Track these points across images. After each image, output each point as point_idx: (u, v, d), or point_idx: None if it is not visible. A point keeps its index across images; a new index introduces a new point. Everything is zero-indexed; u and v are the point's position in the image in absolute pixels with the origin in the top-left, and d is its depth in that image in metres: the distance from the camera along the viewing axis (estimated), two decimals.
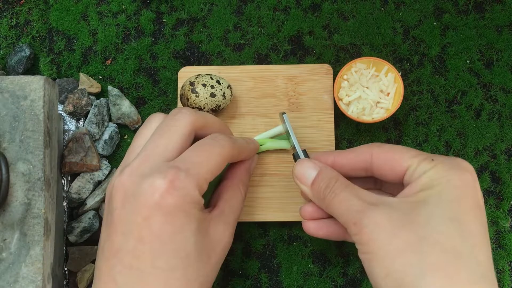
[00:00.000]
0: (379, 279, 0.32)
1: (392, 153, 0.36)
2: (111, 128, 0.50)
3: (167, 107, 0.52)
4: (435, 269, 0.30)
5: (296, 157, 0.42)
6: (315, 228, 0.40)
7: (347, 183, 0.37)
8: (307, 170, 0.38)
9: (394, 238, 0.31)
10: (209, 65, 0.52)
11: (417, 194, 0.33)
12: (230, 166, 0.43)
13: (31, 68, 0.52)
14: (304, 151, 0.42)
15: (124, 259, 0.33)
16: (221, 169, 0.37)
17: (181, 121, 0.36)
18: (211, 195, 0.42)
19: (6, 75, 0.50)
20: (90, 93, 0.51)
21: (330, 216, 0.39)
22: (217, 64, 0.52)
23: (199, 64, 0.52)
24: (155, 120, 0.39)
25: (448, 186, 0.32)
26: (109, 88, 0.51)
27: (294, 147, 0.42)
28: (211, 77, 0.46)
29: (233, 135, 0.43)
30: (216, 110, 0.46)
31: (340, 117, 0.50)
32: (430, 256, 0.30)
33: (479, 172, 0.50)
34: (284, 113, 0.44)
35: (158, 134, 0.36)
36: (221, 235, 0.37)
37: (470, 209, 0.32)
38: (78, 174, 0.49)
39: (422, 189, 0.33)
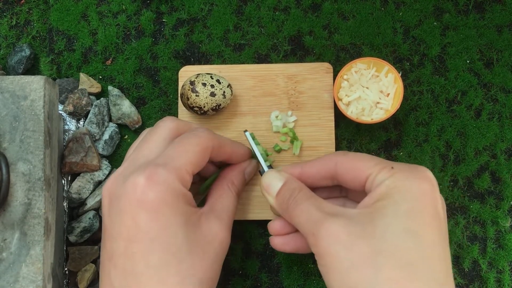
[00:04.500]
0: None
1: (355, 161, 0.36)
2: (111, 128, 0.50)
3: (167, 107, 0.52)
4: (390, 283, 0.30)
5: (262, 173, 0.42)
6: (282, 243, 0.40)
7: (310, 194, 0.37)
8: (273, 181, 0.39)
9: (349, 251, 0.31)
10: (209, 64, 0.52)
11: (375, 204, 0.33)
12: (224, 168, 0.43)
13: (31, 68, 0.52)
14: (270, 167, 0.43)
15: (117, 263, 0.33)
16: (203, 159, 0.37)
17: (162, 127, 0.38)
18: (205, 196, 0.42)
19: (6, 75, 0.50)
20: (90, 93, 0.51)
21: (296, 231, 0.40)
22: (218, 64, 0.52)
23: (199, 64, 0.52)
24: (143, 133, 0.41)
25: (405, 195, 0.32)
26: (109, 88, 0.51)
27: (259, 164, 0.43)
28: (211, 76, 0.46)
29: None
30: (217, 109, 0.46)
31: (340, 117, 0.50)
32: (385, 269, 0.30)
33: (479, 172, 0.50)
34: (246, 131, 0.45)
35: (143, 141, 0.38)
36: (215, 230, 0.37)
37: (428, 219, 0.32)
38: (78, 174, 0.49)
39: (379, 198, 0.33)
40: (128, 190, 0.33)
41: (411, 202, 0.32)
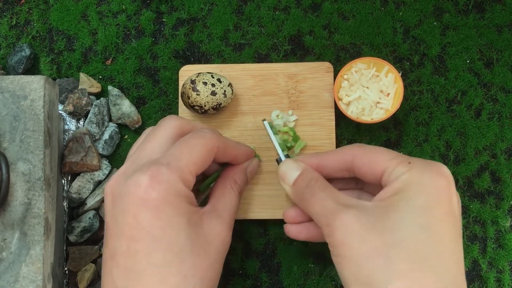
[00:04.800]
0: (349, 284, 0.32)
1: (372, 155, 0.36)
2: (111, 128, 0.50)
3: (167, 107, 0.52)
4: (402, 276, 0.30)
5: (279, 162, 0.42)
6: (296, 231, 0.41)
7: (326, 184, 0.37)
8: (290, 170, 0.39)
9: (363, 242, 0.31)
10: (209, 64, 0.52)
11: (390, 198, 0.33)
12: (226, 167, 0.43)
13: (31, 68, 0.52)
14: (287, 156, 0.43)
15: (119, 261, 0.33)
16: (207, 160, 0.37)
17: (165, 126, 0.38)
18: (207, 195, 0.42)
19: (6, 75, 0.50)
20: (90, 93, 0.51)
21: (310, 220, 0.40)
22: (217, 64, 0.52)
23: (199, 64, 0.52)
24: (146, 131, 0.40)
25: (421, 191, 0.32)
26: (109, 88, 0.51)
27: (277, 153, 0.43)
28: (212, 76, 0.46)
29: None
30: (217, 108, 0.46)
31: (340, 116, 0.50)
32: (398, 262, 0.30)
33: (479, 172, 0.50)
34: (264, 120, 0.45)
35: (145, 140, 0.38)
36: (217, 230, 0.37)
37: (442, 215, 0.32)
38: (78, 174, 0.49)
39: (395, 192, 0.33)
40: (131, 189, 0.33)
41: (426, 198, 0.32)
